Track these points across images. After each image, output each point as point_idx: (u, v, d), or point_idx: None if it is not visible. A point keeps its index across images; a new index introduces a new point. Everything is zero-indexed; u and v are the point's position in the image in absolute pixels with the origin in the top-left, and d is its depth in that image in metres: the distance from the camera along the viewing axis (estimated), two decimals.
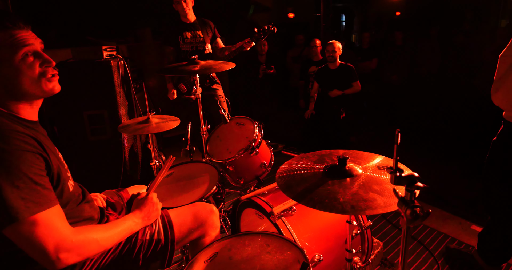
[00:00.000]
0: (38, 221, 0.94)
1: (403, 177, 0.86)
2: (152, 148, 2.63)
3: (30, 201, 0.94)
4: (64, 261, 0.98)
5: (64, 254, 0.98)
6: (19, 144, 0.96)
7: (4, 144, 0.93)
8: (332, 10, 5.23)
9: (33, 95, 1.09)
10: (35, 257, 0.96)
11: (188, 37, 3.16)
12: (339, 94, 3.89)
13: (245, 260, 1.34)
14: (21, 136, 0.98)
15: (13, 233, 0.93)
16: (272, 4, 5.93)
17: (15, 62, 1.02)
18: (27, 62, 1.05)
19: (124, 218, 1.26)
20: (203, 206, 1.56)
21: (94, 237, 1.08)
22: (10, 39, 1.02)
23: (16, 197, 0.92)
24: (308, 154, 1.41)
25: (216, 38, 3.31)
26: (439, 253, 2.26)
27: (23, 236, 0.93)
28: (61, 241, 0.97)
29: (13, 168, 0.92)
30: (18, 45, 1.03)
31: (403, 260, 0.96)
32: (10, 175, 0.92)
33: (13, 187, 0.92)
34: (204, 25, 3.24)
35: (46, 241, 0.95)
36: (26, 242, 0.94)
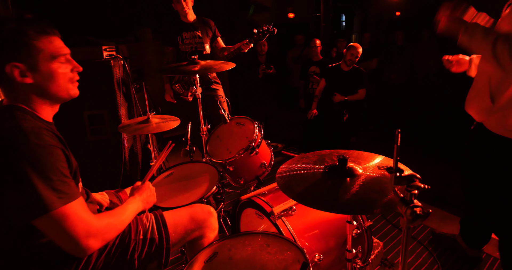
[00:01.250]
0: (69, 211, 1.01)
1: (403, 177, 0.86)
2: (152, 148, 2.63)
3: (62, 192, 1.00)
4: (92, 247, 1.05)
5: (91, 240, 1.05)
6: (48, 140, 1.02)
7: (37, 140, 0.99)
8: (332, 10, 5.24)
9: (59, 98, 1.16)
10: (65, 245, 1.03)
11: (187, 37, 3.16)
12: (341, 99, 3.88)
13: (245, 260, 1.34)
14: (49, 133, 1.04)
15: (46, 223, 0.99)
16: (272, 4, 5.93)
17: (53, 66, 1.09)
18: (62, 67, 1.12)
19: (128, 202, 1.31)
20: (200, 207, 1.55)
21: (112, 221, 1.16)
22: (50, 45, 1.08)
23: (50, 189, 0.98)
24: (308, 154, 1.41)
25: (216, 38, 3.30)
26: (439, 253, 2.26)
27: (55, 226, 0.99)
28: (88, 228, 1.04)
29: (46, 162, 0.99)
30: (57, 51, 1.10)
31: (403, 260, 0.96)
32: (44, 168, 0.98)
33: (47, 179, 0.98)
34: (204, 24, 3.23)
35: (76, 229, 1.01)
36: (58, 231, 1.00)
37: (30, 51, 1.05)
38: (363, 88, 3.84)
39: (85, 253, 1.05)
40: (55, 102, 1.17)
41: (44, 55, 1.07)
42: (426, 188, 0.85)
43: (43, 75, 1.09)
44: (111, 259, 1.26)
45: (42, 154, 0.99)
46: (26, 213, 0.97)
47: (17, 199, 0.97)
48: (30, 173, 0.96)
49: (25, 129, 1.00)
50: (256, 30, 2.80)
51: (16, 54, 1.03)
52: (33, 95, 1.10)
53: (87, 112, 2.66)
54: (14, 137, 0.98)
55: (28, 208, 0.97)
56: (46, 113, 1.15)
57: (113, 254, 1.27)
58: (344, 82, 3.86)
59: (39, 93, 1.10)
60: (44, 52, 1.07)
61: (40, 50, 1.06)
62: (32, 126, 1.02)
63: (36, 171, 0.96)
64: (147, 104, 2.31)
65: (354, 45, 3.72)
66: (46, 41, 1.08)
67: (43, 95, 1.12)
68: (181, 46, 3.16)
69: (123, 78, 2.84)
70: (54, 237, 1.02)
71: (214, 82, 3.27)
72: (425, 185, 0.85)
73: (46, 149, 1.00)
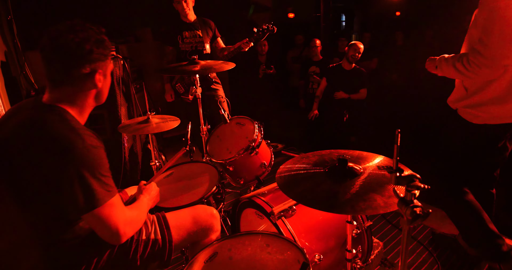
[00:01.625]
0: (113, 203, 1.13)
1: (403, 177, 0.86)
2: (152, 148, 2.63)
3: (109, 186, 1.13)
4: (128, 235, 1.17)
5: (128, 228, 1.17)
6: (97, 142, 1.14)
7: (90, 142, 1.10)
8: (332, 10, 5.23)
9: (101, 102, 1.29)
10: (105, 233, 1.13)
11: (188, 36, 3.15)
12: (344, 97, 3.87)
13: (245, 260, 1.34)
14: (95, 135, 1.16)
15: (95, 215, 1.09)
16: (272, 4, 5.92)
17: (109, 78, 1.26)
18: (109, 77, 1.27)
19: (141, 199, 1.43)
20: (203, 209, 1.56)
21: (139, 213, 1.30)
22: (110, 61, 1.24)
23: (102, 185, 1.10)
24: (308, 154, 1.41)
25: (216, 38, 3.30)
26: (439, 253, 2.26)
27: (102, 217, 1.10)
28: (125, 218, 1.17)
29: (98, 161, 1.10)
30: (111, 65, 1.27)
31: (403, 260, 0.96)
32: (97, 167, 1.09)
33: (98, 177, 1.09)
34: (204, 24, 3.23)
35: (117, 219, 1.13)
36: (103, 222, 1.11)
37: (108, 61, 1.21)
38: (364, 88, 3.84)
39: (121, 240, 1.16)
40: (95, 105, 1.28)
41: (110, 67, 1.24)
42: (426, 188, 0.85)
43: (107, 83, 1.25)
44: (113, 258, 1.26)
45: (95, 154, 1.09)
46: (82, 207, 1.07)
47: (73, 196, 1.06)
48: (85, 172, 1.06)
49: (80, 132, 1.10)
50: (256, 29, 2.80)
51: (104, 63, 1.19)
52: (91, 99, 1.23)
53: None
54: (72, 139, 1.07)
55: (84, 203, 1.07)
56: (84, 117, 1.25)
57: (116, 254, 1.27)
58: (346, 81, 3.84)
59: (97, 97, 1.25)
60: (110, 65, 1.24)
61: (110, 63, 1.23)
62: (83, 129, 1.13)
63: (90, 170, 1.07)
64: (147, 104, 2.31)
65: (355, 42, 3.73)
66: (108, 60, 1.22)
67: (97, 99, 1.26)
68: (181, 45, 3.15)
69: (123, 78, 2.84)
70: (98, 226, 1.12)
71: (214, 82, 3.27)
72: (425, 185, 0.85)
73: (97, 150, 1.11)
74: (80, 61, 1.12)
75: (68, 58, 1.10)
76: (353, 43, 3.73)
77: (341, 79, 3.86)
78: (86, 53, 1.11)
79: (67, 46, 1.08)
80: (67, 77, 1.13)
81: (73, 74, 1.13)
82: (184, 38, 3.15)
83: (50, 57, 1.11)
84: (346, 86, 3.86)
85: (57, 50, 1.09)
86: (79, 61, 1.12)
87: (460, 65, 1.71)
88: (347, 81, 3.84)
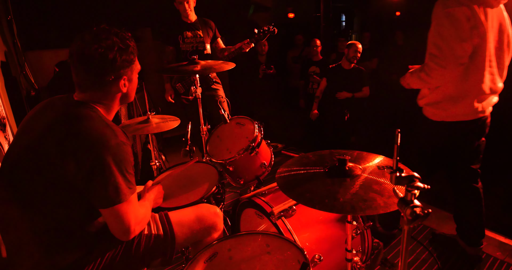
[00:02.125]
0: (132, 201, 1.17)
1: (403, 177, 0.86)
2: (152, 148, 2.63)
3: (132, 184, 1.16)
4: (136, 232, 1.21)
5: (138, 226, 1.22)
6: (126, 138, 1.18)
7: (121, 138, 1.14)
8: (332, 10, 5.23)
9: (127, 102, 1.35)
10: (120, 229, 1.16)
11: (189, 36, 3.15)
12: (348, 96, 3.87)
13: (245, 260, 1.34)
14: (124, 132, 1.20)
15: (115, 210, 1.12)
16: (272, 4, 5.92)
17: (136, 78, 1.30)
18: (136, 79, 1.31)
19: (147, 197, 1.47)
20: (207, 208, 1.56)
21: (146, 211, 1.33)
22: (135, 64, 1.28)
23: (126, 181, 1.14)
24: (308, 154, 1.41)
25: (216, 38, 3.30)
26: (439, 253, 2.26)
27: (120, 213, 1.13)
28: (137, 216, 1.21)
29: (126, 157, 1.13)
30: (139, 67, 1.31)
31: (403, 260, 0.96)
32: (124, 163, 1.13)
33: (126, 173, 1.13)
34: (205, 24, 3.23)
35: (132, 216, 1.17)
36: (120, 217, 1.14)
37: (133, 66, 1.25)
38: (366, 86, 3.84)
39: (130, 237, 1.19)
40: (122, 104, 1.34)
41: (136, 69, 1.29)
42: (426, 188, 0.85)
43: (132, 85, 1.29)
44: (116, 255, 1.27)
45: (124, 151, 1.13)
46: (107, 201, 1.10)
47: (102, 188, 1.09)
48: (115, 166, 1.10)
49: (114, 128, 1.15)
50: (257, 30, 2.81)
51: (129, 68, 1.23)
52: (117, 101, 1.28)
53: None
54: (107, 134, 1.11)
55: (110, 197, 1.10)
56: (111, 116, 1.29)
57: (118, 251, 1.28)
58: (347, 81, 3.84)
59: (123, 98, 1.30)
60: (137, 67, 1.29)
61: (136, 65, 1.27)
62: (115, 125, 1.17)
63: (119, 165, 1.11)
64: (147, 104, 2.31)
65: (354, 42, 3.74)
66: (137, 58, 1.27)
67: (123, 101, 1.31)
68: (181, 45, 3.15)
69: None
70: (114, 221, 1.15)
71: (215, 82, 3.26)
72: (425, 185, 0.85)
73: (126, 146, 1.15)
74: (104, 70, 1.16)
75: (93, 68, 1.15)
76: (353, 44, 3.73)
77: (342, 79, 3.86)
78: (110, 62, 1.15)
79: (91, 56, 1.13)
80: (92, 84, 1.19)
81: (98, 81, 1.18)
82: (185, 38, 3.14)
83: (76, 66, 1.16)
84: (347, 86, 3.86)
85: (82, 59, 1.14)
86: (103, 70, 1.16)
87: (422, 73, 1.90)
88: (348, 81, 3.84)
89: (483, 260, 2.17)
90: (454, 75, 1.85)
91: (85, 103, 1.20)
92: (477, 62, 1.82)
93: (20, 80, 3.17)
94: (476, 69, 1.84)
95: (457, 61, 1.79)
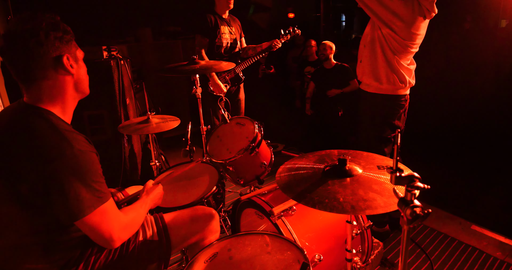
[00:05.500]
0: (105, 210, 1.09)
1: (403, 177, 0.86)
2: (152, 148, 2.63)
3: (101, 192, 1.09)
4: (122, 239, 1.15)
5: (123, 233, 1.15)
6: (87, 146, 1.09)
7: (79, 146, 1.05)
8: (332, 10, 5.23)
9: (84, 93, 1.24)
10: (100, 240, 1.10)
11: (225, 32, 3.04)
12: (337, 93, 3.93)
13: (245, 260, 1.34)
14: (83, 138, 1.11)
15: (86, 223, 1.06)
16: (272, 4, 5.91)
17: (82, 63, 1.20)
18: (84, 65, 1.22)
19: (142, 200, 1.39)
20: (202, 210, 1.55)
21: (135, 216, 1.26)
22: (75, 46, 1.17)
23: (92, 191, 1.06)
24: (308, 154, 1.41)
25: (242, 37, 3.25)
26: (439, 253, 2.26)
27: (93, 224, 1.07)
28: (120, 223, 1.14)
29: (88, 167, 1.06)
30: (80, 50, 1.20)
31: (403, 260, 0.96)
32: (87, 173, 1.05)
33: (91, 182, 1.05)
34: (234, 21, 3.17)
35: (110, 225, 1.10)
36: (95, 229, 1.08)
37: (71, 45, 1.14)
38: (353, 79, 3.92)
39: (114, 245, 1.13)
40: (79, 98, 1.23)
41: (78, 51, 1.18)
42: (426, 188, 0.85)
43: (80, 68, 1.18)
44: (110, 260, 1.26)
45: (84, 160, 1.05)
46: (72, 215, 1.04)
47: (62, 204, 1.02)
48: (74, 179, 1.02)
49: (68, 135, 1.05)
50: (283, 31, 3.01)
51: (68, 46, 1.12)
52: (70, 90, 1.16)
53: (87, 112, 2.65)
54: (59, 145, 1.02)
55: (74, 211, 1.03)
56: (69, 114, 1.19)
57: (113, 255, 1.27)
58: (331, 80, 3.96)
59: (76, 86, 1.18)
60: (77, 48, 1.18)
61: (75, 47, 1.16)
62: (71, 131, 1.08)
63: (79, 177, 1.03)
64: (147, 104, 2.31)
65: (324, 42, 3.92)
66: (74, 46, 1.17)
67: (78, 89, 1.19)
68: (217, 40, 3.00)
69: (123, 78, 2.83)
70: (90, 233, 1.09)
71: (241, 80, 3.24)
72: (425, 185, 0.85)
73: (87, 155, 1.06)
74: (39, 49, 1.05)
75: (26, 50, 1.04)
76: (322, 43, 3.92)
77: (327, 78, 3.98)
78: (43, 39, 1.05)
79: (21, 38, 1.03)
80: (34, 71, 1.08)
81: (38, 65, 1.07)
82: (222, 33, 3.01)
83: (10, 56, 1.07)
84: (334, 84, 3.96)
85: (12, 45, 1.05)
86: (38, 49, 1.05)
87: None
88: (333, 79, 3.95)
89: (483, 260, 2.17)
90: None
91: (36, 108, 1.09)
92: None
93: None
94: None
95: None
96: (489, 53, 4.30)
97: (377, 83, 2.23)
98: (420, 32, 2.09)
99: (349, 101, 3.99)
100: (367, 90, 2.32)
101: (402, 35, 2.05)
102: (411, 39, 2.07)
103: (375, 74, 2.21)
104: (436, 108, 4.82)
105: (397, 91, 2.24)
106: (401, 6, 1.98)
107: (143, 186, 1.52)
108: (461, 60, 4.82)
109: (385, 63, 2.16)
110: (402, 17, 2.00)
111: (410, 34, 2.05)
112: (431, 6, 1.98)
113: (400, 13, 1.99)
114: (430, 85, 5.04)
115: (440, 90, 4.80)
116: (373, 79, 2.23)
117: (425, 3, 1.98)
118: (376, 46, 2.15)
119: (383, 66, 2.17)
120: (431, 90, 4.97)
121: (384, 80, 2.20)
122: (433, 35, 5.14)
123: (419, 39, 2.12)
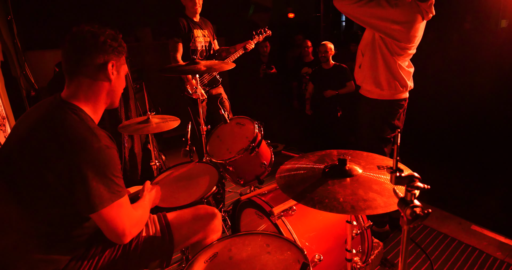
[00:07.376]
0: (121, 204, 1.15)
1: (403, 177, 0.86)
2: (152, 148, 2.63)
3: (120, 187, 1.14)
4: (133, 234, 1.19)
5: (133, 229, 1.19)
6: (111, 143, 1.16)
7: (105, 142, 1.12)
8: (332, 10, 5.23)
9: (114, 104, 1.33)
10: (112, 233, 1.14)
11: (199, 35, 3.07)
12: (333, 94, 3.93)
13: (245, 260, 1.34)
14: (108, 135, 1.19)
15: (102, 216, 1.10)
16: (272, 4, 5.92)
17: (123, 77, 1.31)
18: (124, 81, 1.33)
19: (144, 198, 1.43)
20: (205, 209, 1.55)
21: (143, 213, 1.31)
22: (123, 60, 1.29)
23: (112, 185, 1.11)
24: (308, 154, 1.41)
25: (215, 39, 3.29)
26: (439, 253, 2.26)
27: (109, 218, 1.11)
28: (132, 219, 1.19)
29: (110, 162, 1.12)
30: (126, 67, 1.32)
31: (403, 260, 0.96)
32: (111, 167, 1.11)
33: (111, 176, 1.11)
34: (205, 24, 3.19)
35: (124, 220, 1.14)
36: (110, 222, 1.12)
37: (121, 57, 1.26)
38: (349, 81, 3.92)
39: (126, 240, 1.16)
40: (108, 106, 1.31)
41: (123, 66, 1.29)
42: (426, 188, 0.85)
43: (119, 80, 1.28)
44: (113, 257, 1.27)
45: (108, 155, 1.11)
46: (90, 207, 1.08)
47: (83, 195, 1.07)
48: (97, 172, 1.08)
49: (96, 131, 1.13)
50: (254, 32, 2.99)
51: (117, 57, 1.24)
52: (104, 95, 1.25)
53: None
54: (88, 139, 1.09)
55: (93, 203, 1.08)
56: (98, 115, 1.27)
57: (116, 252, 1.27)
58: (329, 80, 3.96)
59: (109, 94, 1.27)
60: (124, 64, 1.29)
61: (123, 61, 1.28)
62: (98, 129, 1.15)
63: (101, 170, 1.09)
64: (147, 104, 2.31)
65: (324, 43, 3.88)
66: (123, 59, 1.29)
67: (110, 97, 1.28)
68: (191, 44, 3.03)
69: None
70: (105, 226, 1.13)
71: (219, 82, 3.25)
72: (425, 185, 0.85)
73: (111, 151, 1.13)
74: (94, 49, 1.17)
75: (82, 47, 1.16)
76: (322, 44, 3.89)
77: (325, 79, 3.98)
78: (100, 43, 1.17)
79: (82, 36, 1.16)
80: (81, 66, 1.18)
81: (87, 62, 1.18)
82: (196, 37, 3.04)
83: (67, 49, 1.18)
84: (331, 85, 3.97)
85: (73, 41, 1.17)
86: (92, 49, 1.17)
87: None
88: (331, 80, 3.95)
89: (483, 260, 2.17)
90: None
91: (70, 104, 1.18)
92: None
93: (20, 80, 3.17)
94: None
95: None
96: (489, 53, 4.30)
97: (379, 89, 2.23)
98: (418, 34, 2.09)
99: (349, 102, 4.00)
100: (368, 96, 2.32)
101: (402, 38, 2.05)
102: (411, 42, 2.08)
103: (376, 81, 2.21)
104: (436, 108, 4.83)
105: (398, 96, 2.24)
106: (397, 12, 1.98)
107: (142, 187, 1.53)
108: (461, 60, 4.82)
109: (385, 68, 2.16)
110: (401, 23, 1.99)
111: (410, 37, 2.05)
112: (429, 8, 1.98)
113: (399, 19, 1.98)
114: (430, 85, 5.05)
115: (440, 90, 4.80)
116: (374, 86, 2.23)
117: (423, 6, 1.98)
118: (376, 51, 2.15)
119: (383, 72, 2.16)
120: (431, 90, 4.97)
121: (386, 86, 2.20)
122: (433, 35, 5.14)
123: (417, 40, 2.12)
